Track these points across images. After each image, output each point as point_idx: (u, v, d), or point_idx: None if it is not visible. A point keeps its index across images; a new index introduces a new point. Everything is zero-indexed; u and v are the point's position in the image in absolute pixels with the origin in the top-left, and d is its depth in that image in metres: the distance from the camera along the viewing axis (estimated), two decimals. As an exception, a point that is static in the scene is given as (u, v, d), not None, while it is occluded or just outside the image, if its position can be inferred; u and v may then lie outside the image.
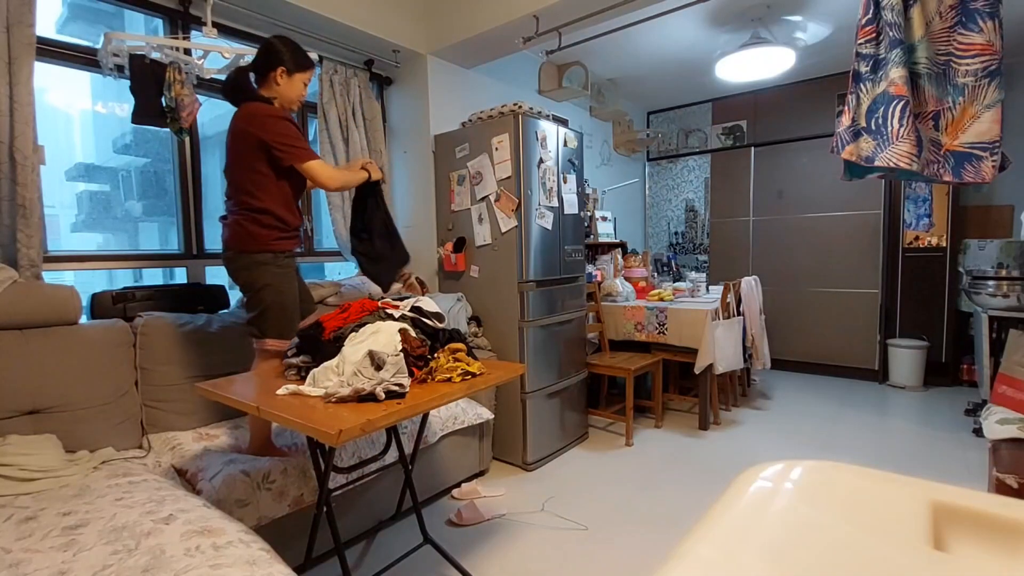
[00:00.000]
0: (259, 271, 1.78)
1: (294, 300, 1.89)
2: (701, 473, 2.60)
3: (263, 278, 1.79)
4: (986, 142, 1.68)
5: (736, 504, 0.57)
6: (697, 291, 3.63)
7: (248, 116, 1.74)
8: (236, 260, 1.79)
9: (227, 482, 1.61)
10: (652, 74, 4.43)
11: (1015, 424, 1.83)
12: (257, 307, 1.80)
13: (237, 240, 1.77)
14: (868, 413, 3.45)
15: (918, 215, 4.07)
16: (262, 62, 1.80)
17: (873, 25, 1.78)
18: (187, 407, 2.04)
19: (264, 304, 1.79)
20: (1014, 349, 2.20)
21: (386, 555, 1.95)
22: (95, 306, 2.10)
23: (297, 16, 2.59)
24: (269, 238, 1.78)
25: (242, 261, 1.78)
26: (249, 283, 1.80)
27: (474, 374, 1.54)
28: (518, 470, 2.68)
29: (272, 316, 1.80)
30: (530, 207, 2.62)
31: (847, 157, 1.86)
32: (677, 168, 5.36)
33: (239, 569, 1.04)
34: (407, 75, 3.22)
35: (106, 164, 3.28)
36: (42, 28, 1.93)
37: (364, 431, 1.18)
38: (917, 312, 4.12)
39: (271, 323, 1.80)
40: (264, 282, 1.79)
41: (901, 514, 0.52)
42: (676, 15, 3.05)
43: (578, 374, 3.00)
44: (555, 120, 2.82)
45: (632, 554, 1.93)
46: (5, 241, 1.87)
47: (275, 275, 1.81)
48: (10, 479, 1.46)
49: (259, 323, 1.80)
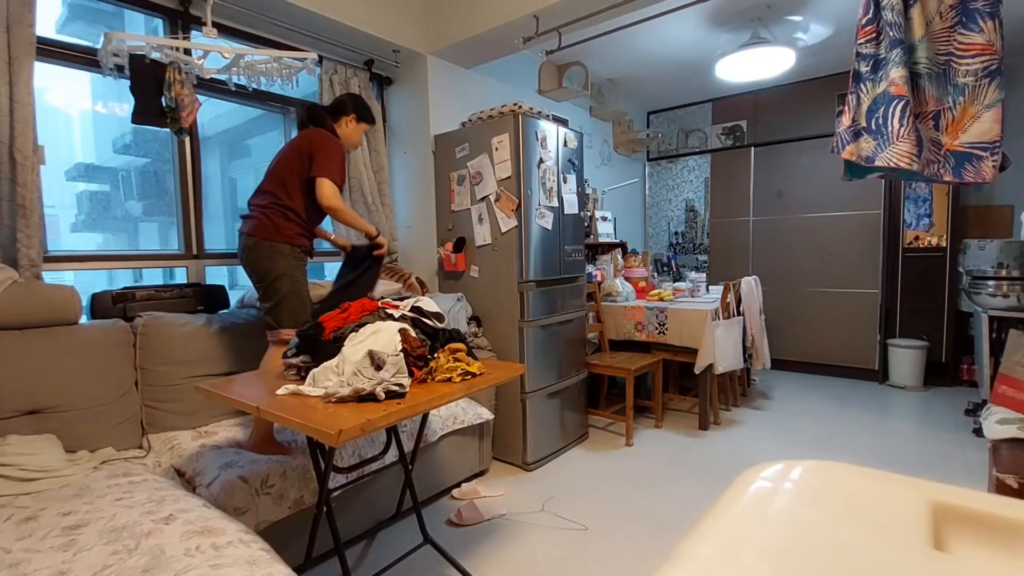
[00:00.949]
0: (278, 260, 1.91)
1: (308, 291, 2.00)
2: (701, 473, 2.60)
3: (280, 267, 1.91)
4: (986, 142, 1.68)
5: (736, 504, 0.57)
6: (697, 291, 3.63)
7: (315, 133, 2.01)
8: (258, 248, 1.91)
9: (225, 489, 1.60)
10: (652, 74, 4.43)
11: (1015, 424, 1.83)
12: (274, 297, 1.91)
13: (262, 229, 1.91)
14: (868, 413, 3.45)
15: (918, 215, 4.07)
16: (336, 109, 2.16)
17: (873, 25, 1.78)
18: (187, 407, 2.04)
19: (281, 293, 1.91)
20: (1014, 349, 2.20)
21: (386, 555, 1.95)
22: (95, 306, 2.10)
23: (297, 16, 2.59)
24: (291, 232, 1.94)
25: (263, 249, 1.90)
26: (267, 271, 1.91)
27: (474, 374, 1.54)
28: (518, 470, 2.68)
29: (288, 305, 1.91)
30: (530, 207, 2.62)
31: (847, 157, 1.86)
32: (677, 168, 5.36)
33: (239, 569, 1.04)
34: (407, 75, 3.22)
35: (106, 164, 3.28)
36: (42, 28, 1.93)
37: (364, 431, 1.18)
38: (917, 312, 4.12)
39: (287, 312, 1.91)
40: (281, 271, 1.91)
41: (901, 514, 0.52)
42: (676, 15, 3.05)
43: (578, 374, 3.00)
44: (555, 120, 2.82)
45: (632, 554, 1.93)
46: (5, 241, 1.87)
47: (292, 265, 1.93)
48: (10, 479, 1.46)
49: (275, 313, 1.91)
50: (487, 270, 2.78)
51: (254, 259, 1.92)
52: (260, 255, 1.91)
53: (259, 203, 1.95)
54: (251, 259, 1.93)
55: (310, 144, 1.96)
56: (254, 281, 1.97)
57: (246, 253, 1.93)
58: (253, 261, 1.93)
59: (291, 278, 1.92)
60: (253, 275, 1.96)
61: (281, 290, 1.91)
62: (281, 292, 1.91)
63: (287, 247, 1.93)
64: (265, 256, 1.91)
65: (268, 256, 1.91)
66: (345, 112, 2.14)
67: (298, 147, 1.98)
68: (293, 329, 1.83)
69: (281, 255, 1.91)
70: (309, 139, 1.98)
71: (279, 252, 1.91)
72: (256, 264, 1.92)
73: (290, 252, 1.93)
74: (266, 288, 1.92)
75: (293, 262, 1.94)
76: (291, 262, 1.93)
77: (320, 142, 1.97)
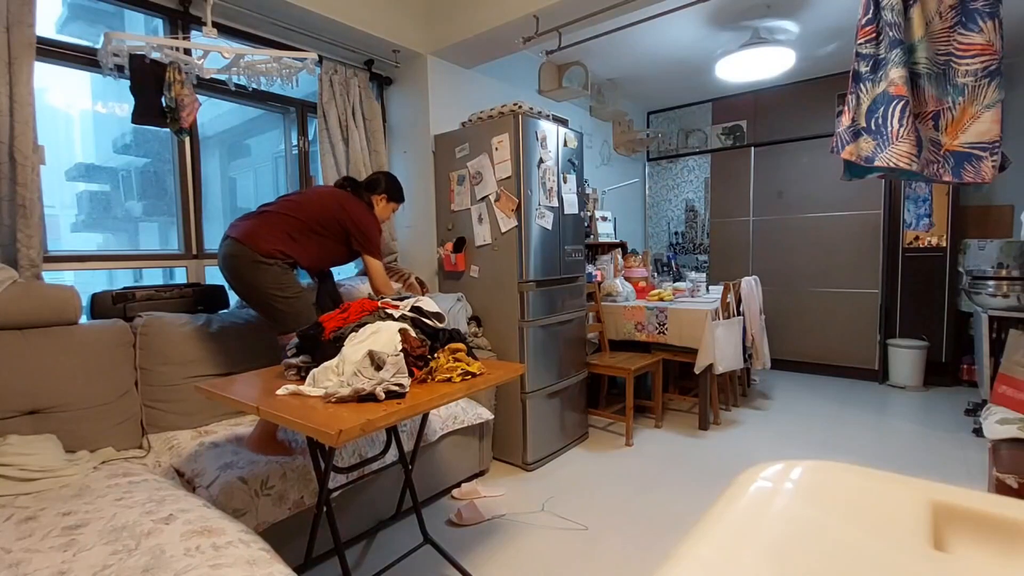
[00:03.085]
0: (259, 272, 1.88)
1: (301, 291, 1.98)
2: (701, 473, 2.60)
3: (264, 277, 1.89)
4: (986, 142, 1.68)
5: (736, 504, 0.57)
6: (697, 291, 3.63)
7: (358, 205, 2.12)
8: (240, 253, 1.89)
9: (224, 491, 1.59)
10: (652, 74, 4.43)
11: (1015, 424, 1.83)
12: (268, 310, 1.92)
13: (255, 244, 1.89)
14: (868, 413, 3.45)
15: (918, 215, 4.07)
16: (372, 185, 2.26)
17: (873, 25, 1.78)
18: (187, 407, 2.04)
19: (275, 303, 1.91)
20: (1014, 349, 2.20)
21: (386, 555, 1.95)
22: (95, 306, 2.10)
23: (297, 16, 2.59)
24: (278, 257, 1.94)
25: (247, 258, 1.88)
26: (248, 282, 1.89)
27: (474, 374, 1.54)
28: (518, 470, 2.68)
29: (288, 311, 1.92)
30: (530, 207, 2.62)
31: (847, 157, 1.86)
32: (677, 168, 5.36)
33: (239, 569, 1.04)
34: (407, 75, 3.22)
35: (106, 164, 3.28)
36: (42, 28, 1.92)
37: (364, 431, 1.18)
38: (917, 312, 4.12)
39: (289, 320, 1.91)
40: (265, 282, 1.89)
41: (901, 514, 0.52)
42: (676, 15, 3.05)
43: (578, 374, 3.00)
44: (555, 120, 2.82)
45: (632, 554, 1.93)
46: (5, 241, 1.87)
47: (276, 273, 1.91)
48: (10, 479, 1.46)
49: (282, 324, 1.93)
50: (487, 270, 2.78)
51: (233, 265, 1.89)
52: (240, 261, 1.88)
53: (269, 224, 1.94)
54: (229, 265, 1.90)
55: (351, 215, 2.05)
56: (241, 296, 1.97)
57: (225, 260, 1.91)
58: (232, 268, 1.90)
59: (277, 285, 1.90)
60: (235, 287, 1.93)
61: (274, 300, 1.90)
62: (274, 302, 1.90)
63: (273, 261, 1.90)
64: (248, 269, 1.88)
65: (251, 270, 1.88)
66: (378, 191, 2.25)
67: (338, 206, 2.04)
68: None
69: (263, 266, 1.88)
70: (351, 208, 2.06)
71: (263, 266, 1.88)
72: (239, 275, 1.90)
73: (275, 263, 1.91)
74: (262, 308, 1.93)
75: (277, 270, 1.91)
76: (275, 271, 1.91)
77: (363, 219, 2.08)
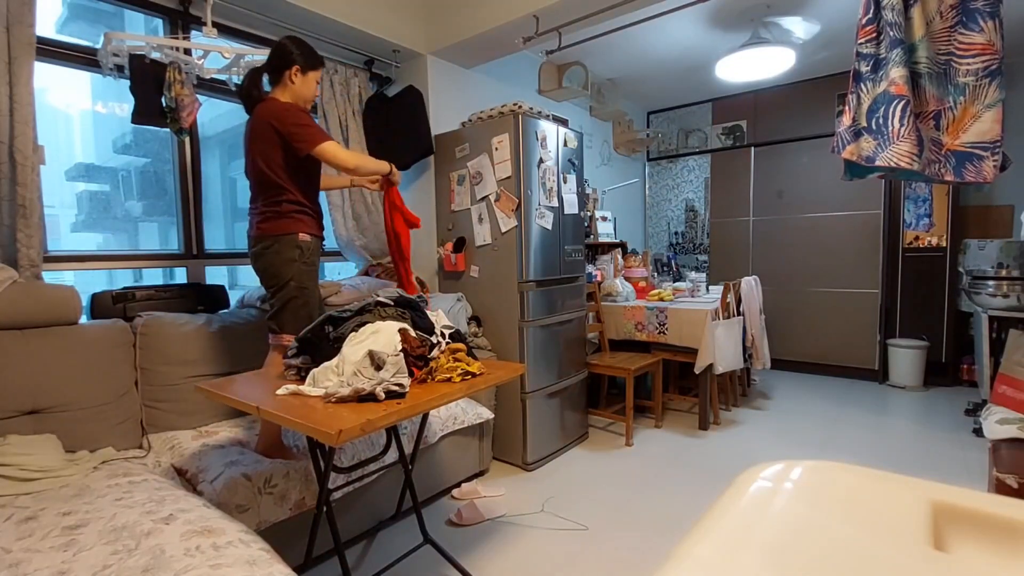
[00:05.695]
0: (286, 265, 1.82)
1: (315, 298, 1.92)
2: (701, 473, 2.60)
3: (289, 272, 1.83)
4: (987, 142, 1.68)
5: (736, 504, 0.57)
6: (697, 291, 3.63)
7: (265, 111, 1.79)
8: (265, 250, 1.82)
9: (228, 486, 1.60)
10: (652, 74, 4.43)
11: (1015, 424, 1.83)
12: (279, 301, 1.84)
13: (265, 227, 1.82)
14: (868, 413, 3.45)
15: (918, 215, 4.07)
16: (277, 62, 1.85)
17: (873, 25, 1.78)
18: (187, 407, 2.04)
19: (286, 298, 1.84)
20: (1014, 349, 2.20)
21: (386, 555, 1.95)
22: (95, 306, 2.10)
23: (297, 16, 2.59)
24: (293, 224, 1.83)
25: (271, 247, 1.81)
26: (274, 273, 1.83)
27: (474, 374, 1.54)
28: (518, 470, 2.68)
29: (292, 311, 1.84)
30: (530, 207, 2.62)
31: (848, 157, 1.86)
32: (677, 168, 5.36)
33: (239, 569, 1.04)
34: (407, 75, 3.21)
35: (106, 164, 3.28)
36: (42, 28, 1.93)
37: (364, 431, 1.18)
38: (917, 312, 4.12)
39: (290, 318, 1.84)
40: (289, 276, 1.83)
41: (901, 514, 0.52)
42: (676, 15, 3.05)
43: (578, 374, 3.00)
44: (555, 120, 2.82)
45: (632, 554, 1.93)
46: (5, 241, 1.87)
47: (300, 271, 1.85)
48: (10, 479, 1.46)
49: (279, 317, 1.85)
50: (487, 270, 2.78)
51: (261, 257, 1.84)
52: (267, 252, 1.82)
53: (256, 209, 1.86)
54: (259, 259, 1.85)
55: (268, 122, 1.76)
56: (264, 285, 1.90)
57: (254, 257, 1.87)
58: (261, 260, 1.85)
59: (298, 285, 1.84)
60: (261, 276, 1.88)
61: (287, 295, 1.83)
62: (286, 297, 1.83)
63: (295, 251, 1.82)
64: (274, 253, 1.81)
65: (276, 252, 1.81)
66: (286, 65, 1.83)
67: (259, 133, 1.78)
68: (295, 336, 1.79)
69: (289, 260, 1.81)
70: (262, 118, 1.77)
71: (287, 257, 1.81)
72: (264, 263, 1.84)
73: (299, 256, 1.83)
74: (273, 291, 1.86)
75: (302, 267, 1.84)
76: (300, 267, 1.84)
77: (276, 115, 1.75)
